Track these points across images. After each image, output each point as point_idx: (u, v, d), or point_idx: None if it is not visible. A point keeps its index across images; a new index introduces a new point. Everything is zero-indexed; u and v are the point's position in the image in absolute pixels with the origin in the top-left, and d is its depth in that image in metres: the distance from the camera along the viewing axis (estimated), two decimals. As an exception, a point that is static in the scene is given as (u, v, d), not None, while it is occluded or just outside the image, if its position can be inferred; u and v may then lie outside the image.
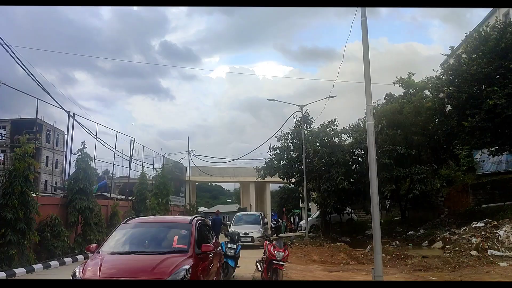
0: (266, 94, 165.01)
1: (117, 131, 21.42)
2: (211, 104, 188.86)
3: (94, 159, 18.44)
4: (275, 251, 8.85)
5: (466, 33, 20.78)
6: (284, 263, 8.93)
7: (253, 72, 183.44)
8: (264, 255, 9.79)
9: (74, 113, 16.23)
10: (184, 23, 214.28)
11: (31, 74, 13.86)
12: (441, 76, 21.97)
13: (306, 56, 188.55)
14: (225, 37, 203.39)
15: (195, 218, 7.26)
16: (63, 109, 15.53)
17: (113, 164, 22.16)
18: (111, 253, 6.12)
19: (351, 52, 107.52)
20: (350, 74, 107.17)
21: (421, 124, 22.58)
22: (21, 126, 43.33)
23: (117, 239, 6.55)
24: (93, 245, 6.50)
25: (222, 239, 10.73)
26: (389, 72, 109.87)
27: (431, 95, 24.51)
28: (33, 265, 12.06)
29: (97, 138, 18.18)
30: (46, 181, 48.09)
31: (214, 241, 8.05)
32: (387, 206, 29.01)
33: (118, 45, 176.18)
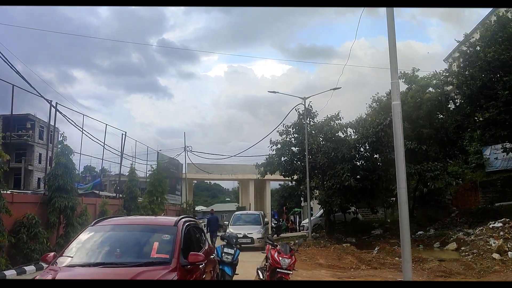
0: (264, 92, 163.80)
1: (106, 124, 20.07)
2: (209, 102, 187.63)
3: (80, 153, 17.16)
4: (280, 258, 7.50)
5: (490, 21, 19.45)
6: (291, 272, 7.57)
7: (251, 70, 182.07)
8: (266, 262, 8.43)
9: (56, 103, 14.85)
10: (182, 21, 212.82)
11: (8, 61, 12.46)
12: (451, 68, 20.80)
13: (304, 55, 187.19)
14: (224, 36, 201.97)
15: (183, 219, 5.84)
16: (43, 98, 14.14)
17: (102, 159, 20.80)
18: (70, 265, 4.72)
19: (351, 50, 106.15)
20: (349, 73, 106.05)
21: (425, 116, 21.39)
22: (13, 122, 42.15)
23: (80, 247, 5.12)
24: (51, 254, 5.10)
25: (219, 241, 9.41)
26: (388, 71, 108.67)
27: (434, 91, 23.57)
28: (4, 271, 10.65)
29: (83, 131, 16.79)
30: (39, 179, 46.63)
31: (206, 247, 6.64)
32: (392, 205, 27.76)
33: (116, 43, 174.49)
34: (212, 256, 6.81)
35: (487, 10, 29.61)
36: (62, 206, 13.49)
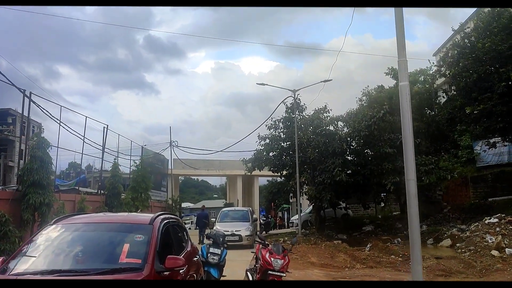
0: (252, 89, 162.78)
1: (86, 116, 19.02)
2: (197, 99, 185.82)
3: (58, 147, 16.18)
4: (272, 259, 6.76)
5: (484, 11, 18.99)
6: (284, 274, 6.83)
7: (238, 67, 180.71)
8: (256, 263, 7.67)
9: (30, 93, 13.86)
10: (169, 18, 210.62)
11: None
12: (446, 59, 20.27)
13: (292, 51, 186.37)
14: (211, 32, 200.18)
15: (160, 216, 4.99)
16: (15, 86, 13.11)
17: (82, 153, 19.73)
18: (21, 273, 3.88)
19: (337, 47, 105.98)
20: (337, 69, 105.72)
21: (416, 110, 20.97)
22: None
23: (35, 251, 4.27)
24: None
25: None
26: (375, 68, 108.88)
27: (421, 86, 23.16)
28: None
29: (60, 123, 15.78)
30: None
31: (189, 248, 5.81)
32: (384, 200, 27.23)
33: (103, 39, 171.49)
34: (195, 258, 5.99)
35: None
36: (37, 203, 12.53)
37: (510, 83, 16.37)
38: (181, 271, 4.58)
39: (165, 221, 5.00)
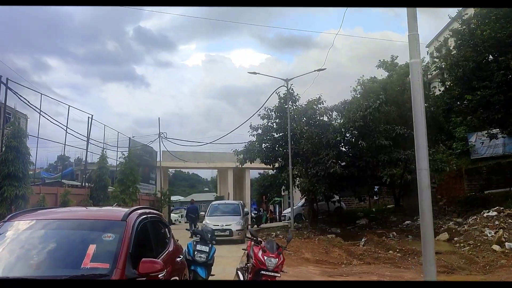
0: (242, 81, 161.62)
1: (69, 105, 18.19)
2: (187, 92, 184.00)
3: (38, 137, 15.38)
4: (265, 257, 6.10)
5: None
6: (278, 274, 6.18)
7: (229, 59, 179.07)
8: (248, 262, 7.02)
9: (7, 79, 13.00)
10: (159, 9, 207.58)
11: None
12: (441, 51, 19.82)
13: (283, 44, 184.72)
14: (202, 24, 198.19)
15: (137, 212, 4.26)
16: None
17: (64, 144, 18.95)
18: None
19: (329, 41, 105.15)
20: (328, 62, 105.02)
21: (409, 101, 20.45)
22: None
23: None
24: None
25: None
26: (366, 61, 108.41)
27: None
28: None
29: (40, 112, 14.95)
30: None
31: (171, 248, 5.09)
32: (378, 193, 26.72)
33: (92, 31, 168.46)
34: (178, 259, 5.28)
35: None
36: (13, 196, 11.77)
37: (508, 72, 15.91)
38: (160, 275, 3.88)
39: (143, 217, 4.27)
